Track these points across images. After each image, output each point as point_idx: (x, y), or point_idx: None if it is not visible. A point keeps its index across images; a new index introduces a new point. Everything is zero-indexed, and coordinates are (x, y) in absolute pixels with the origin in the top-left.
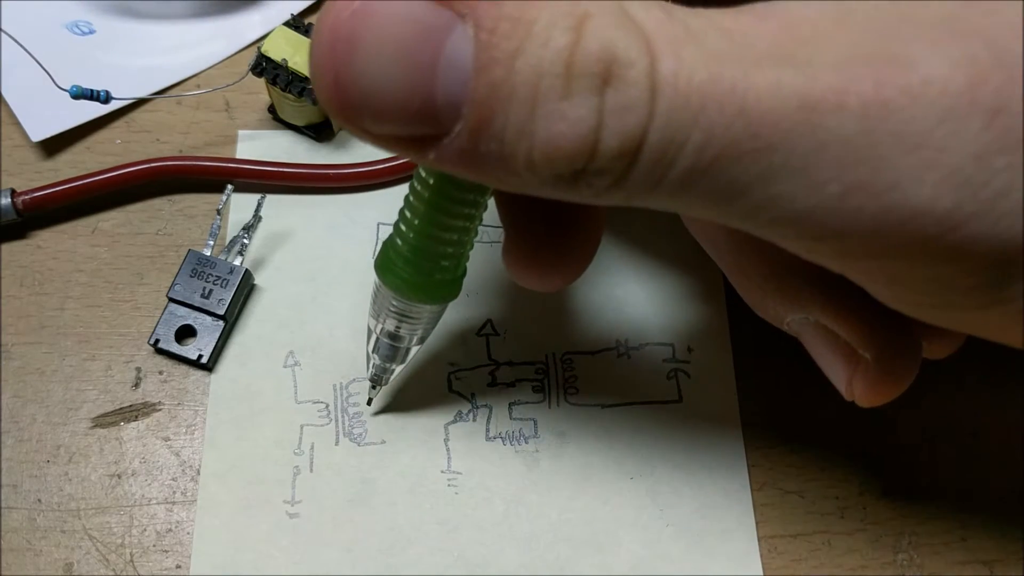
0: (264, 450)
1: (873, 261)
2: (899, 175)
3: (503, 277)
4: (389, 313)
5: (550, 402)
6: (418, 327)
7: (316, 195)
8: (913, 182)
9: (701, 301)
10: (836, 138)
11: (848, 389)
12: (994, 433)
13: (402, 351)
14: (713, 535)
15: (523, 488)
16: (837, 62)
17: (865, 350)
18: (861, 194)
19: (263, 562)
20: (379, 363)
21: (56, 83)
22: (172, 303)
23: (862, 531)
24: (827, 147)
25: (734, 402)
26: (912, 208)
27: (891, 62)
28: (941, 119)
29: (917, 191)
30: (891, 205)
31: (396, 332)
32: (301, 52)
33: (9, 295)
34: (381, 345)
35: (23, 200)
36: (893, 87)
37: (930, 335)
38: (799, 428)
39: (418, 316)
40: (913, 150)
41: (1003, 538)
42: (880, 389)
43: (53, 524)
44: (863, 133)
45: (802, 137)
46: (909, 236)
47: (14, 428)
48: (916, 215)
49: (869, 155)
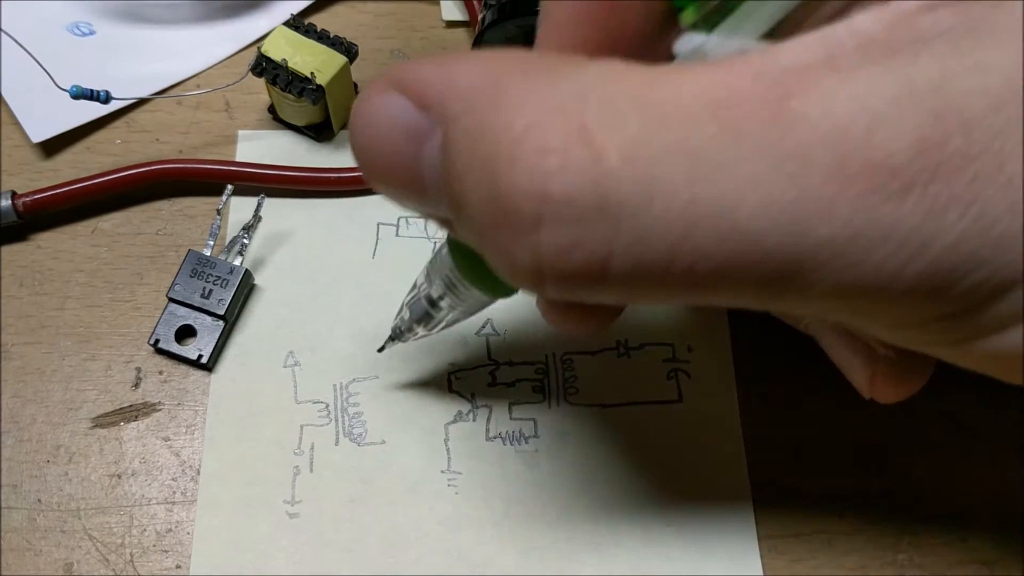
0: (264, 450)
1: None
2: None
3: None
4: (442, 281)
5: (550, 402)
6: (460, 306)
7: (316, 197)
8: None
9: None
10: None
11: (869, 387)
12: (994, 433)
13: (435, 321)
14: (713, 535)
15: (523, 488)
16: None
17: (884, 348)
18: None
19: (263, 562)
20: (408, 320)
21: (56, 83)
22: (172, 303)
23: (862, 531)
24: (818, 251)
25: (734, 402)
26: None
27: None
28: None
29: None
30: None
31: (438, 301)
32: (301, 52)
33: (9, 295)
34: (417, 305)
35: (23, 202)
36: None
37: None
38: (799, 428)
39: (465, 297)
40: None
41: (1003, 538)
42: (900, 386)
43: (53, 524)
44: (849, 240)
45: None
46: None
47: (14, 428)
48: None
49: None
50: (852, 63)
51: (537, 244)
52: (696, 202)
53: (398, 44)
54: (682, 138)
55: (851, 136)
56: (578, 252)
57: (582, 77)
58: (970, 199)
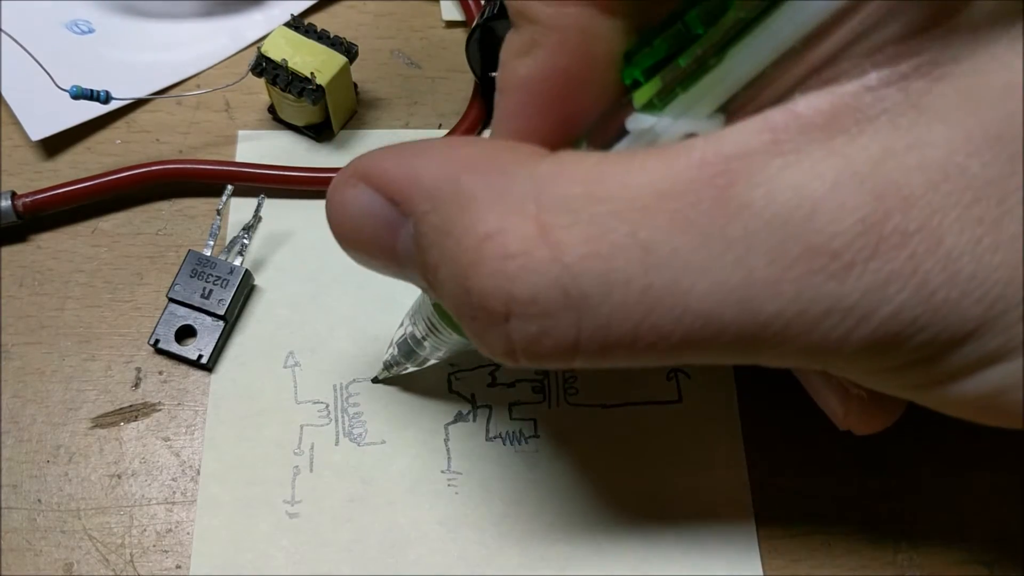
0: (264, 450)
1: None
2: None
3: None
4: (424, 323)
5: (550, 402)
6: (443, 347)
7: (316, 197)
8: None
9: None
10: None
11: (843, 421)
12: (994, 433)
13: (420, 358)
14: (713, 535)
15: (523, 488)
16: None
17: (855, 387)
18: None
19: (263, 562)
20: (397, 356)
21: (56, 83)
22: (172, 303)
23: (862, 531)
24: (767, 324)
25: (734, 402)
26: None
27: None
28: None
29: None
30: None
31: (422, 340)
32: (301, 52)
33: (9, 295)
34: (403, 344)
35: (23, 203)
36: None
37: None
38: (799, 428)
39: (446, 339)
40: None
41: (1003, 538)
42: (872, 421)
43: (53, 524)
44: (796, 315)
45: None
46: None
47: (14, 428)
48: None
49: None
50: (795, 146)
51: (508, 333)
52: (652, 288)
53: (398, 44)
54: (633, 231)
55: (792, 221)
56: (547, 340)
57: (535, 174)
58: (909, 273)
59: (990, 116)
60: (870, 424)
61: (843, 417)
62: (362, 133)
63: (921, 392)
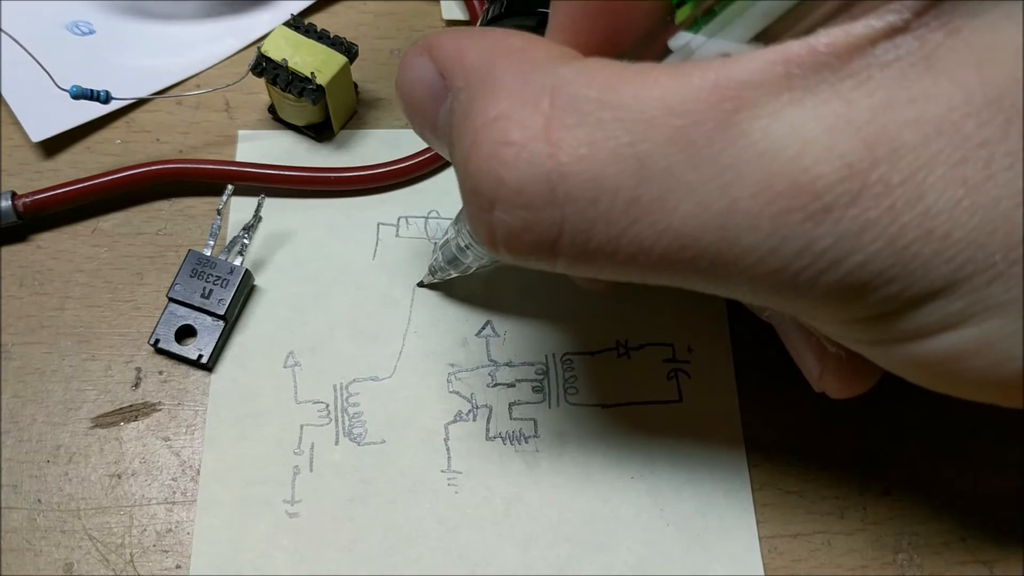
0: (264, 450)
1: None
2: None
3: (503, 278)
4: (466, 231)
5: (550, 402)
6: (484, 257)
7: (316, 197)
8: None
9: (701, 301)
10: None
11: (819, 381)
12: (994, 433)
13: (463, 266)
14: (713, 535)
15: (523, 488)
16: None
17: (834, 346)
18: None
19: (263, 562)
20: (441, 261)
21: (56, 83)
22: (172, 303)
23: (862, 531)
24: (742, 256)
25: (734, 402)
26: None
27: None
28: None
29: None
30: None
31: (465, 249)
32: (301, 52)
33: (9, 295)
34: (447, 249)
35: (23, 203)
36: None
37: None
38: (799, 428)
39: (486, 252)
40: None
41: (1003, 538)
42: (848, 383)
43: (53, 524)
44: (769, 251)
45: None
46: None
47: (14, 428)
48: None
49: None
50: (804, 83)
51: (492, 222)
52: (638, 201)
53: (398, 44)
54: (633, 142)
55: (781, 158)
56: (527, 235)
57: (558, 72)
58: (886, 224)
59: (994, 77)
60: (846, 386)
61: (818, 377)
62: (362, 133)
63: (883, 349)
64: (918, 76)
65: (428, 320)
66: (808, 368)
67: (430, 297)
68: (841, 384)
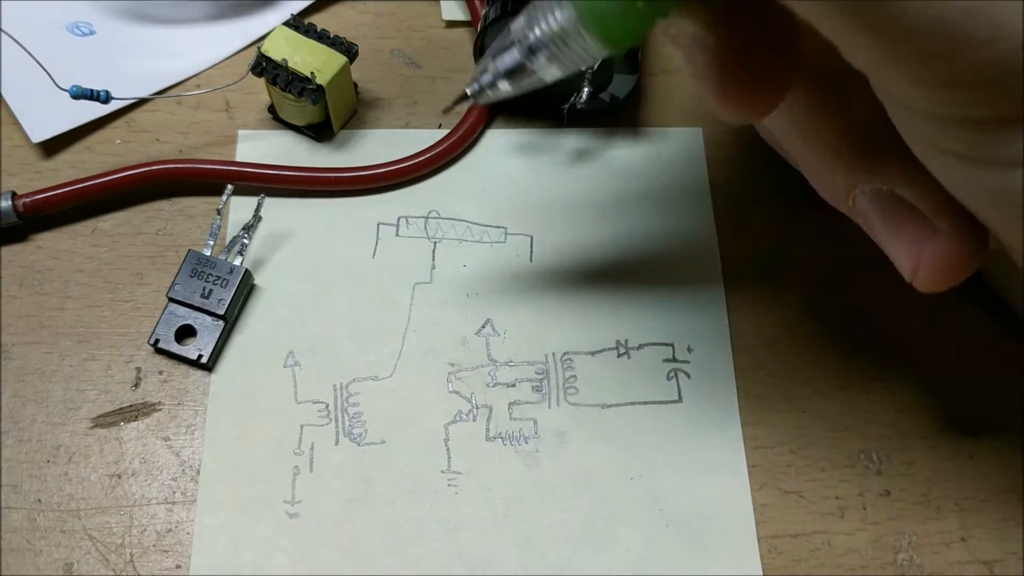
0: (264, 450)
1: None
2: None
3: (503, 277)
4: (550, 25)
5: (550, 402)
6: (560, 59)
7: (316, 197)
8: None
9: (701, 301)
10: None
11: (914, 266)
12: (994, 433)
13: (526, 76)
14: (713, 535)
15: (523, 488)
16: None
17: (941, 219)
18: None
19: (263, 562)
20: (497, 72)
21: (56, 83)
22: (172, 303)
23: (862, 531)
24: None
25: (734, 402)
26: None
27: None
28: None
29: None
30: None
31: (534, 51)
32: (301, 52)
33: (9, 295)
34: (509, 55)
35: (24, 203)
36: None
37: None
38: (799, 428)
39: (574, 47)
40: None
41: (1003, 538)
42: (948, 266)
43: (53, 524)
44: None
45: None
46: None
47: (14, 428)
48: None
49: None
50: None
51: None
52: None
53: (398, 44)
54: None
55: None
56: None
57: None
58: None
59: None
60: (943, 271)
61: (914, 264)
62: (362, 133)
63: (979, 172)
64: None
65: (428, 319)
66: (904, 251)
67: (430, 296)
68: (941, 266)
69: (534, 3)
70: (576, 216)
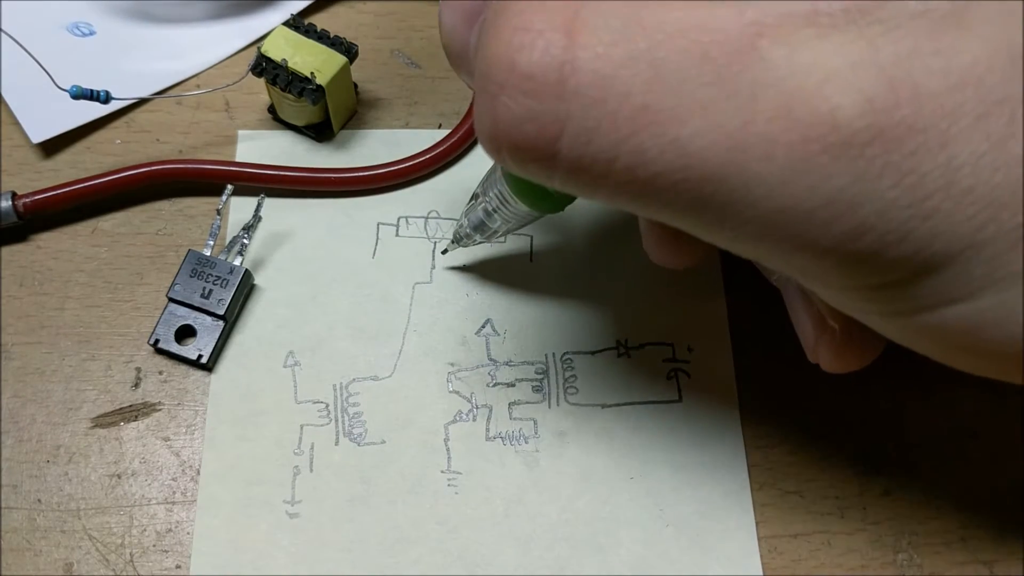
0: (264, 450)
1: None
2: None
3: (503, 277)
4: (495, 194)
5: (550, 402)
6: (511, 220)
7: (316, 197)
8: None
9: (701, 301)
10: (759, 180)
11: (813, 352)
12: (994, 433)
13: (490, 230)
14: (713, 535)
15: (523, 488)
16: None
17: (833, 320)
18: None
19: (263, 562)
20: (467, 227)
21: (56, 83)
22: (172, 303)
23: (862, 531)
24: (751, 187)
25: (734, 402)
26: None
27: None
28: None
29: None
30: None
31: (492, 212)
32: (301, 52)
33: (9, 295)
34: (473, 214)
35: (24, 203)
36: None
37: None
38: (799, 428)
39: (515, 212)
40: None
41: (1003, 538)
42: (843, 358)
43: (53, 524)
44: (781, 184)
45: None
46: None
47: (14, 428)
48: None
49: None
50: (832, 22)
51: (496, 108)
52: (647, 109)
53: (398, 44)
54: (651, 48)
55: (804, 85)
56: (530, 125)
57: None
58: (906, 170)
59: (1018, 36)
60: (839, 361)
61: (814, 346)
62: (362, 133)
63: (896, 320)
64: (946, 30)
65: (428, 319)
66: (805, 336)
67: (430, 296)
68: (836, 357)
69: (487, 174)
70: (576, 216)
